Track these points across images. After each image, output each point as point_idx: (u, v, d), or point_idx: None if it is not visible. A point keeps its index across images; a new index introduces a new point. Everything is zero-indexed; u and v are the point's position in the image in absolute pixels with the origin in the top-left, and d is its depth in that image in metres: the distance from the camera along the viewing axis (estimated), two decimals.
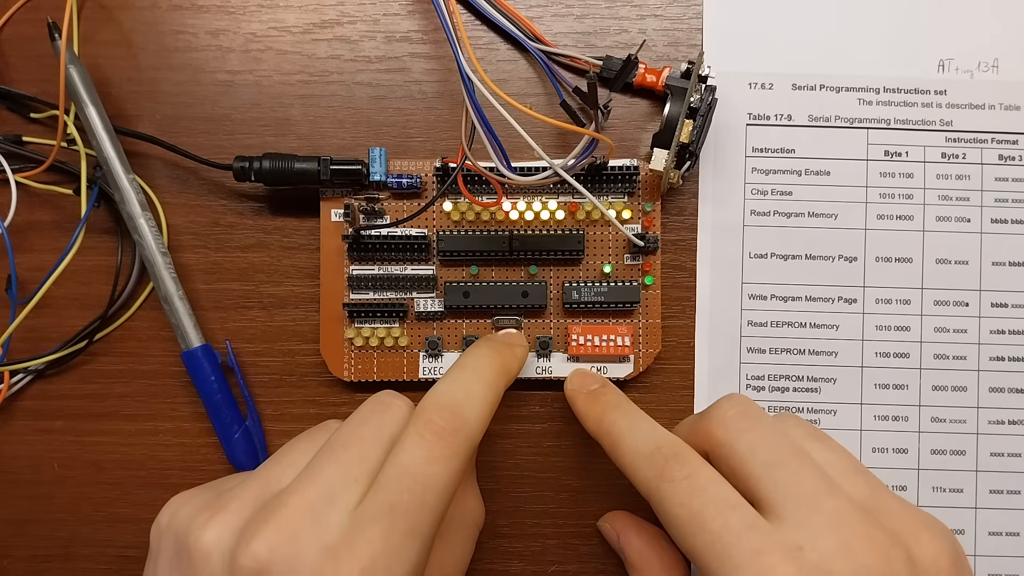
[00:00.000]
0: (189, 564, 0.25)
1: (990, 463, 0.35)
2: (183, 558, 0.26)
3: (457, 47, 0.30)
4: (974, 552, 0.35)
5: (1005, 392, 0.35)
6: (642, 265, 0.34)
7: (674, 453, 0.28)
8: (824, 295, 0.35)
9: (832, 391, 0.35)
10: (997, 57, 0.35)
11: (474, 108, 0.29)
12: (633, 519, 0.34)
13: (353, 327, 0.34)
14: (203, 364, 0.33)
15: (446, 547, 0.30)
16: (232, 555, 0.24)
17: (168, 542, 0.27)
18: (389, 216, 0.34)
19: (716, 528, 0.25)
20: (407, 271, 0.34)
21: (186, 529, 0.26)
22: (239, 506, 0.26)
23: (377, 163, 0.33)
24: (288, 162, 0.33)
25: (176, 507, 0.27)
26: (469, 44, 0.30)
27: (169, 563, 0.26)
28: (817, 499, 0.26)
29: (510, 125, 0.29)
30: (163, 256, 0.33)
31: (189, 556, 0.25)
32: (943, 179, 0.35)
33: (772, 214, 0.35)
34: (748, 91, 0.35)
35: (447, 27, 0.30)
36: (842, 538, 0.25)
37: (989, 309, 0.35)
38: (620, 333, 0.34)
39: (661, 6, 0.35)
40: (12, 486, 0.35)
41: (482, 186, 0.34)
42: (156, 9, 0.35)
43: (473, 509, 0.32)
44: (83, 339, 0.34)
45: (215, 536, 0.25)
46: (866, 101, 0.35)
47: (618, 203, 0.34)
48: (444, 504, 0.26)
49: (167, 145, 0.34)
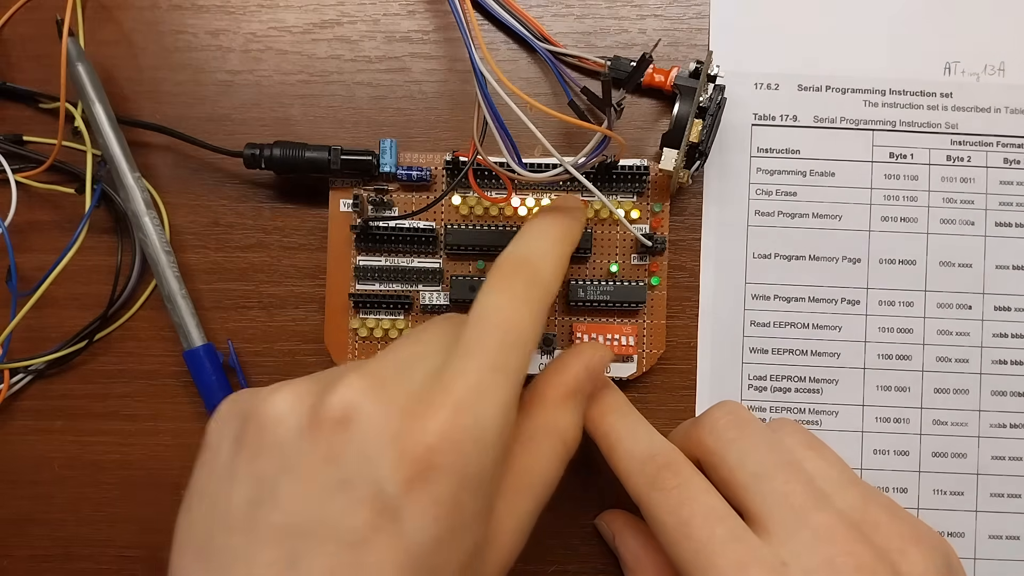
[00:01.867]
0: (257, 434, 0.23)
1: (991, 466, 0.35)
2: (249, 431, 0.23)
3: (471, 42, 0.30)
4: (974, 555, 0.35)
5: (1007, 396, 0.35)
6: (649, 266, 0.34)
7: (667, 462, 0.28)
8: (827, 296, 0.35)
9: (834, 392, 0.35)
10: (1003, 60, 0.35)
11: (487, 104, 0.29)
12: (629, 519, 0.34)
13: (358, 318, 0.34)
14: (205, 364, 0.33)
15: (529, 454, 0.27)
16: (311, 410, 0.22)
17: (230, 426, 0.24)
18: (398, 208, 0.34)
19: (702, 538, 0.26)
20: (414, 263, 0.34)
21: (252, 403, 0.24)
22: (312, 379, 0.24)
23: (388, 154, 0.33)
24: (299, 150, 0.33)
25: (236, 396, 0.25)
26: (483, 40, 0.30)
27: (232, 446, 0.24)
28: (804, 513, 0.26)
29: (518, 122, 0.29)
30: (167, 255, 0.33)
31: (258, 425, 0.23)
32: (948, 182, 0.35)
33: (776, 215, 0.35)
34: (754, 91, 0.35)
35: (460, 22, 0.30)
36: (827, 555, 0.25)
37: (992, 312, 0.35)
38: (624, 333, 0.34)
39: (661, 6, 0.35)
40: (12, 486, 0.35)
41: (491, 181, 0.34)
42: (156, 9, 0.35)
43: (564, 423, 0.29)
44: (83, 339, 0.34)
45: (289, 398, 0.23)
46: (872, 103, 0.35)
47: (627, 203, 0.34)
48: (529, 347, 0.25)
49: (177, 133, 0.34)
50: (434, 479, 0.22)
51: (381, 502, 0.21)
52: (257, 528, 0.22)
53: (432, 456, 0.22)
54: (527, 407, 0.28)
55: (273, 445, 0.23)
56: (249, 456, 0.23)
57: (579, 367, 0.29)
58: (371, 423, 0.22)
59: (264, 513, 0.22)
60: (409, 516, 0.21)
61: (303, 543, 0.21)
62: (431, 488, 0.22)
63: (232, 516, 0.22)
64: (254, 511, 0.22)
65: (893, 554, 0.25)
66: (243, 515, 0.22)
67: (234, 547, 0.22)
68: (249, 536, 0.22)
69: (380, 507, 0.21)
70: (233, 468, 0.23)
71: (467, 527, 0.23)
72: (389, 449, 0.22)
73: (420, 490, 0.21)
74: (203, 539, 0.23)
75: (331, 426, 0.22)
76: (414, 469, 0.21)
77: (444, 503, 0.22)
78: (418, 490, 0.21)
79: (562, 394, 0.29)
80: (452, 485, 0.22)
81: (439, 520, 0.22)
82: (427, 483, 0.22)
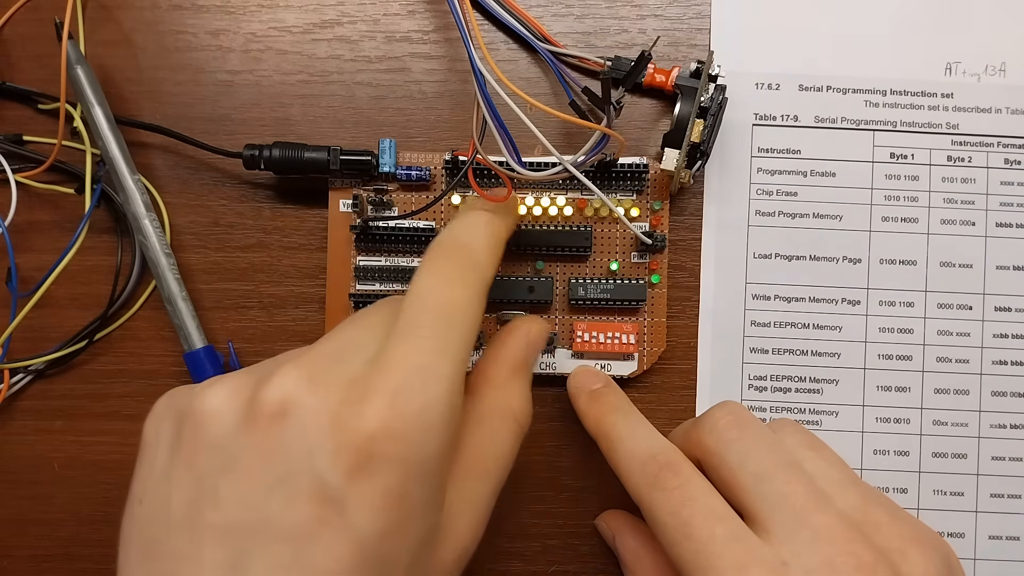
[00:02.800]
0: (193, 431, 0.22)
1: (991, 467, 0.35)
2: (185, 429, 0.23)
3: (469, 42, 0.30)
4: (974, 556, 0.35)
5: (1007, 396, 0.35)
6: (649, 264, 0.34)
7: (668, 462, 0.28)
8: (828, 296, 0.35)
9: (834, 392, 0.35)
10: (1004, 61, 0.34)
11: (486, 103, 0.29)
12: (629, 519, 0.34)
13: None
14: (206, 365, 0.33)
15: (481, 436, 0.27)
16: (247, 404, 0.22)
17: (166, 424, 0.24)
18: (397, 208, 0.34)
19: (702, 538, 0.26)
20: (414, 263, 0.34)
21: (185, 399, 0.23)
22: (247, 372, 0.24)
23: (387, 154, 0.33)
24: (298, 151, 0.33)
25: (172, 393, 0.25)
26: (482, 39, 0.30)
27: (170, 445, 0.23)
28: (805, 513, 0.26)
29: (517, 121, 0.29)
30: (167, 257, 0.33)
31: (193, 422, 0.23)
32: (948, 182, 0.35)
33: (777, 215, 0.35)
34: (755, 91, 0.35)
35: (460, 22, 0.30)
36: (827, 555, 0.25)
37: (992, 313, 0.35)
38: (625, 331, 0.34)
39: (661, 6, 0.35)
40: (12, 486, 0.35)
41: (491, 180, 0.34)
42: (156, 9, 0.35)
43: (515, 401, 0.28)
44: (83, 339, 0.34)
45: (223, 393, 0.23)
46: (872, 103, 0.35)
47: (626, 201, 0.34)
48: (470, 327, 0.24)
49: (176, 134, 0.34)
50: (377, 468, 0.21)
51: (324, 495, 0.21)
52: (200, 528, 0.21)
53: (373, 445, 0.21)
54: (473, 390, 0.28)
55: (210, 443, 0.22)
56: (187, 455, 0.23)
57: (519, 341, 0.29)
58: (308, 414, 0.22)
59: (205, 513, 0.22)
60: (354, 508, 0.21)
61: (248, 542, 0.21)
62: (375, 478, 0.21)
63: (174, 517, 0.22)
64: (195, 511, 0.22)
65: (893, 555, 0.25)
66: (184, 516, 0.22)
67: (178, 548, 0.22)
68: (192, 537, 0.22)
69: (323, 500, 0.21)
70: (171, 468, 0.23)
71: (416, 516, 0.22)
72: (328, 440, 0.21)
73: (363, 481, 0.21)
74: (147, 541, 0.23)
75: (268, 420, 0.22)
76: (355, 459, 0.21)
77: (390, 492, 0.21)
78: (361, 480, 0.21)
79: (508, 371, 0.29)
80: (397, 474, 0.21)
81: (386, 510, 0.21)
82: (370, 473, 0.21)
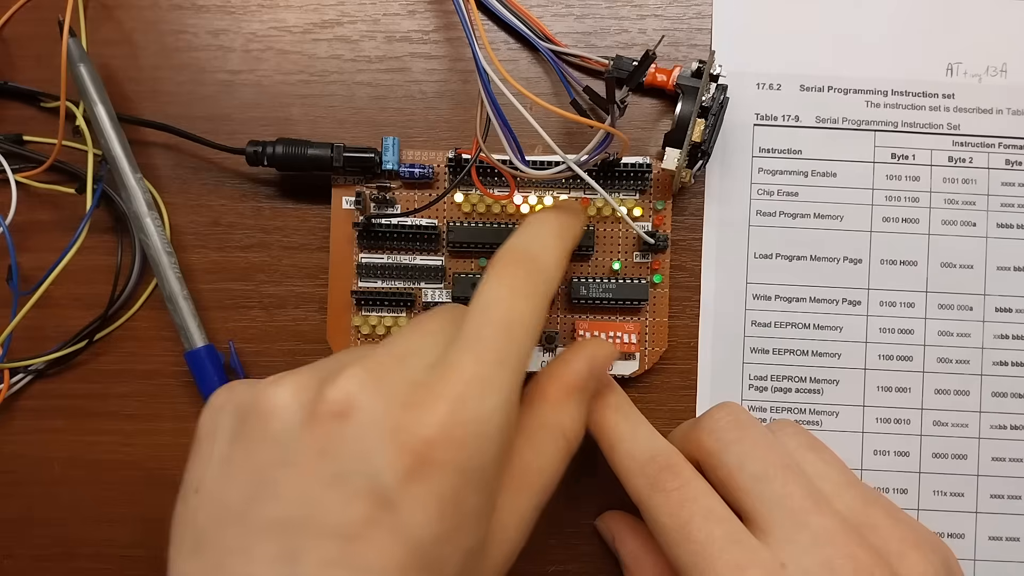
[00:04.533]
0: (256, 425, 0.23)
1: (991, 468, 0.35)
2: (247, 423, 0.23)
3: (474, 40, 0.30)
4: (974, 557, 0.35)
5: (1007, 397, 0.35)
6: (651, 263, 0.34)
7: (668, 463, 0.28)
8: (828, 296, 0.35)
9: (834, 393, 0.35)
10: (1006, 61, 0.34)
11: (490, 101, 0.29)
12: (629, 520, 0.34)
13: (360, 315, 0.34)
14: (207, 364, 0.33)
15: (531, 451, 0.27)
16: (311, 403, 0.22)
17: (227, 416, 0.24)
18: (400, 205, 0.34)
19: (701, 540, 0.26)
20: (416, 261, 0.34)
21: (251, 394, 0.23)
22: (310, 369, 0.24)
23: (390, 152, 0.33)
24: (301, 148, 0.33)
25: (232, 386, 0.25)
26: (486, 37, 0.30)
27: (230, 437, 0.23)
28: (804, 515, 0.26)
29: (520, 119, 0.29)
30: (168, 256, 0.33)
31: (257, 416, 0.23)
32: (949, 183, 0.35)
33: (778, 215, 0.35)
34: (756, 91, 0.35)
35: (464, 20, 0.30)
36: (825, 557, 0.25)
37: (993, 314, 0.35)
38: (627, 330, 0.34)
39: (661, 6, 0.35)
40: (13, 486, 0.35)
41: (494, 179, 0.34)
42: (157, 9, 0.35)
43: (567, 421, 0.28)
44: (84, 338, 0.34)
45: (289, 390, 0.23)
46: (874, 103, 0.35)
47: (629, 200, 0.34)
48: (531, 339, 0.24)
49: (180, 131, 0.34)
50: (433, 473, 0.21)
51: (380, 495, 0.21)
52: (254, 522, 0.22)
53: (431, 450, 0.21)
54: (529, 403, 0.28)
55: (272, 437, 0.22)
56: (246, 448, 0.23)
57: (583, 363, 0.29)
58: (370, 415, 0.22)
59: (261, 506, 0.22)
60: (408, 510, 0.21)
61: (301, 537, 0.21)
62: (430, 482, 0.21)
63: (229, 509, 0.22)
64: (251, 504, 0.22)
65: (892, 557, 0.25)
66: (240, 508, 0.22)
67: (231, 541, 0.22)
68: (246, 530, 0.22)
69: (378, 500, 0.21)
70: (231, 459, 0.23)
71: (468, 524, 0.22)
72: (387, 442, 0.21)
73: (419, 483, 0.21)
74: (200, 532, 0.23)
75: (330, 418, 0.22)
76: (412, 462, 0.21)
77: (444, 498, 0.21)
78: (417, 483, 0.21)
79: (565, 390, 0.28)
80: (452, 479, 0.22)
81: (440, 516, 0.21)
82: (426, 477, 0.21)
